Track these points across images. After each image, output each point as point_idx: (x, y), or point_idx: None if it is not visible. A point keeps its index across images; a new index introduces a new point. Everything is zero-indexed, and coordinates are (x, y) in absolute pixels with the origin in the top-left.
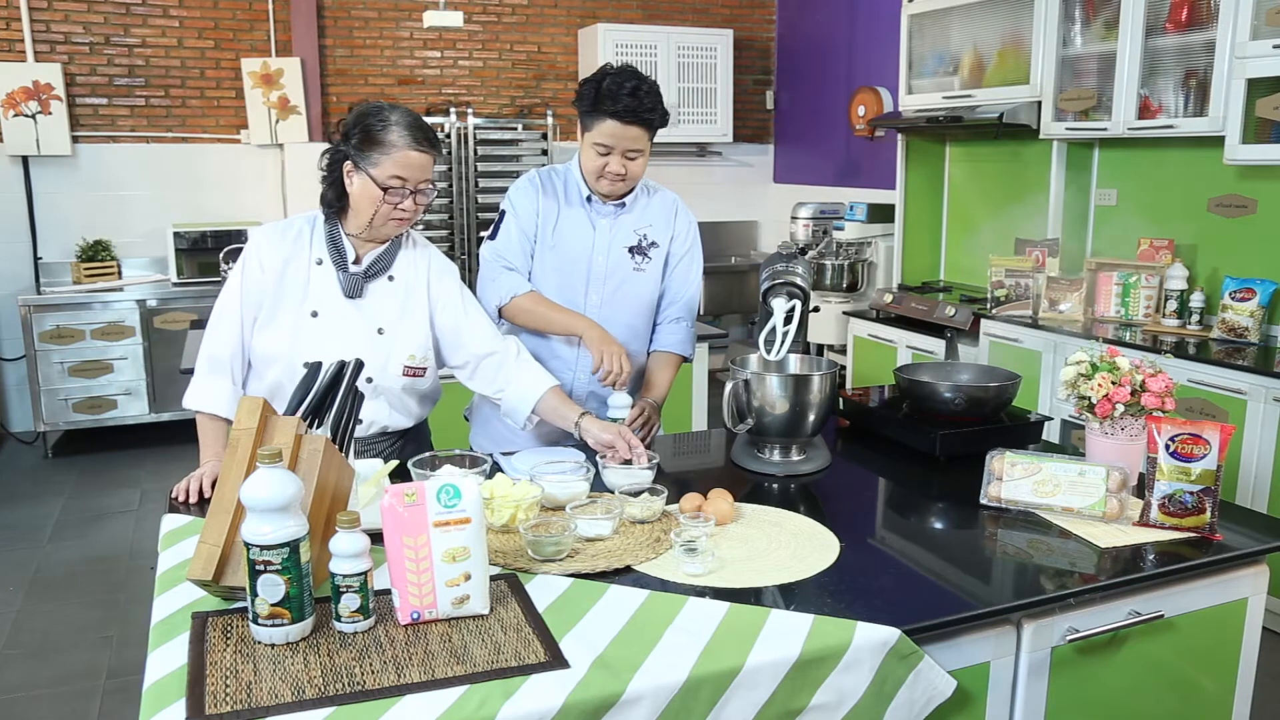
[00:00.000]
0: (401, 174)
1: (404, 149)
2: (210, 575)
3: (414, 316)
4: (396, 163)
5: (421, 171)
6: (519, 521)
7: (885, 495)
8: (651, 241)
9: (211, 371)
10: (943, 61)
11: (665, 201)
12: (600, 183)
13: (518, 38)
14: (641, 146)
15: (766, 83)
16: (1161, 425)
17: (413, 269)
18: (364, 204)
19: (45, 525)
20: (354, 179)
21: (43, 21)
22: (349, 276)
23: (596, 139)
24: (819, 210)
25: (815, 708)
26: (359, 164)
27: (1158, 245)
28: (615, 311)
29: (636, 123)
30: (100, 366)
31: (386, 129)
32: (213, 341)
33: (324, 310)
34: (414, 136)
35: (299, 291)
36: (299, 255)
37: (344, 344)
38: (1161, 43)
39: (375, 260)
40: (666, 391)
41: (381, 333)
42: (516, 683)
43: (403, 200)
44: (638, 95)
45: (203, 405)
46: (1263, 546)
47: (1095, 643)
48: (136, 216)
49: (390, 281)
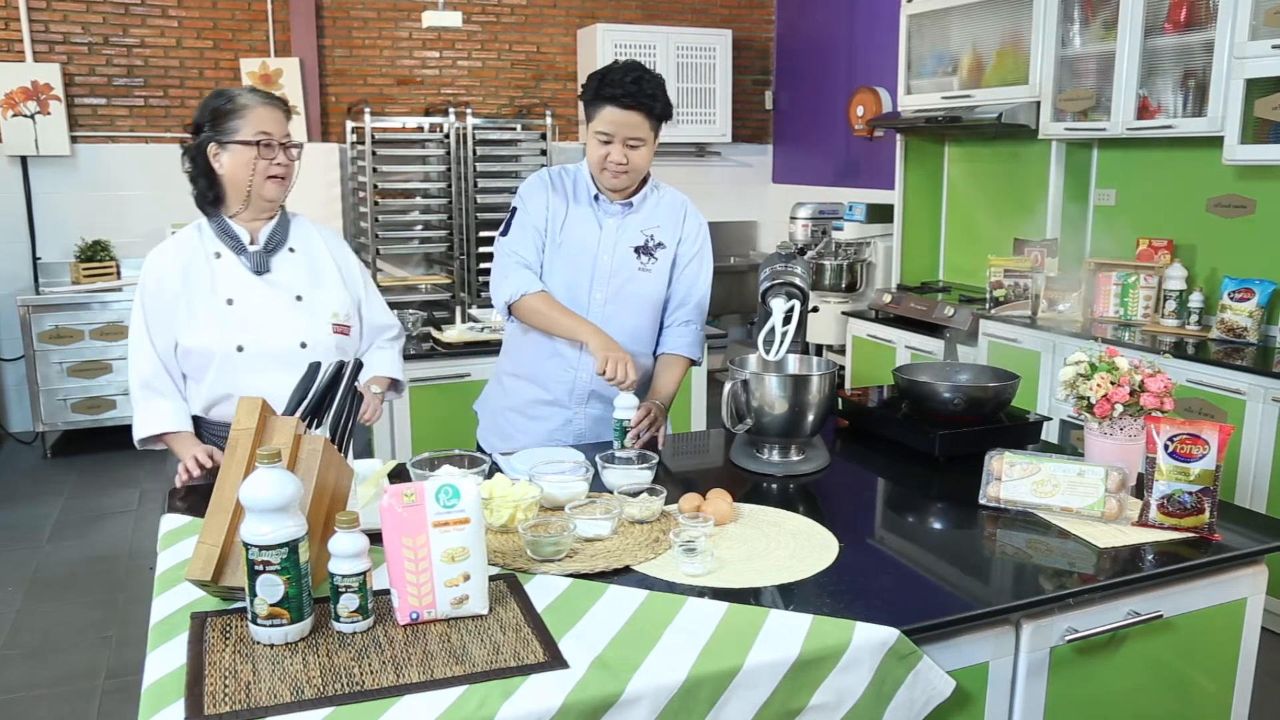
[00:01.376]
0: (264, 128)
1: (255, 106)
2: (209, 575)
3: (326, 278)
4: (254, 121)
5: (280, 126)
6: (518, 521)
7: (884, 495)
8: (658, 242)
9: (147, 396)
10: (942, 62)
11: (674, 203)
12: (604, 175)
13: (517, 38)
14: (643, 135)
15: (765, 83)
16: (1160, 425)
17: (307, 239)
18: (239, 173)
19: (44, 525)
20: (222, 157)
21: (41, 22)
22: (251, 255)
23: (598, 127)
24: (818, 210)
25: (814, 708)
26: (221, 141)
27: (1156, 245)
28: (619, 310)
29: (637, 108)
30: (99, 367)
31: (234, 99)
32: (136, 368)
33: (237, 295)
34: (260, 96)
35: (206, 287)
36: (194, 256)
37: (267, 320)
38: (1160, 43)
39: (270, 236)
40: (673, 393)
41: (300, 299)
42: (516, 683)
43: (276, 154)
44: (639, 83)
45: (154, 429)
46: (1261, 547)
47: (1094, 643)
48: (135, 216)
49: (292, 253)
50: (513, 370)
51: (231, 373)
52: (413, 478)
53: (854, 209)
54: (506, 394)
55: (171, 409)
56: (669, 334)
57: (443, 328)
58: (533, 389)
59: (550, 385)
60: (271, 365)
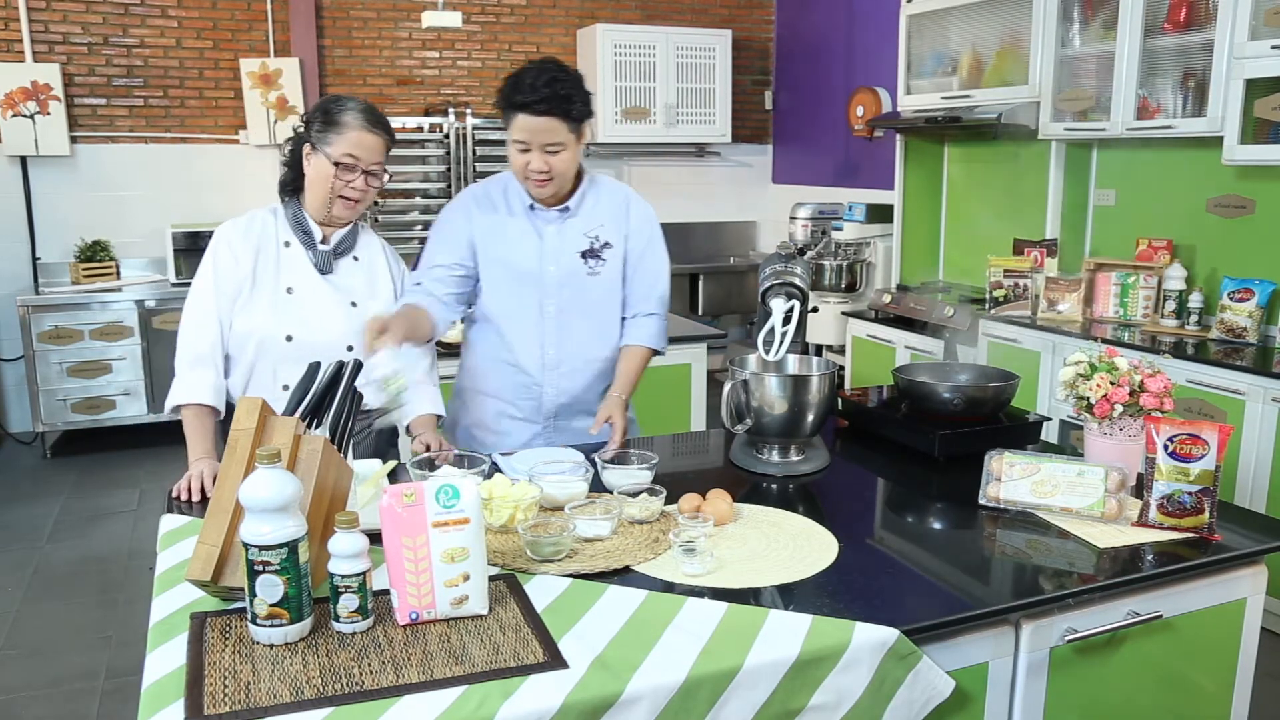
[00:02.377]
0: (354, 152)
1: (356, 129)
2: (209, 575)
3: (382, 292)
4: (349, 141)
5: (373, 153)
6: (518, 522)
7: (884, 495)
8: (604, 242)
9: (194, 366)
10: (941, 62)
11: (615, 198)
12: (528, 184)
13: (516, 38)
14: (561, 139)
15: (765, 83)
16: (1160, 425)
17: (372, 251)
18: (318, 183)
19: (44, 525)
20: (311, 160)
21: (41, 22)
22: (319, 253)
23: (514, 135)
24: (818, 210)
25: (814, 708)
26: (316, 145)
27: (1156, 245)
28: (574, 319)
29: (551, 113)
30: (99, 367)
31: (343, 112)
32: (192, 338)
33: (298, 286)
34: (367, 119)
35: (272, 271)
36: (267, 241)
37: (321, 317)
38: (1160, 43)
39: (340, 241)
40: (632, 384)
41: (355, 305)
42: (515, 683)
43: (354, 179)
44: (552, 85)
45: (190, 398)
46: (1261, 547)
47: (1094, 643)
48: (135, 217)
49: (356, 261)
50: (473, 386)
51: (274, 360)
52: (412, 478)
53: (854, 209)
54: (469, 409)
55: (214, 384)
56: (630, 326)
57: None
58: (497, 403)
59: (518, 403)
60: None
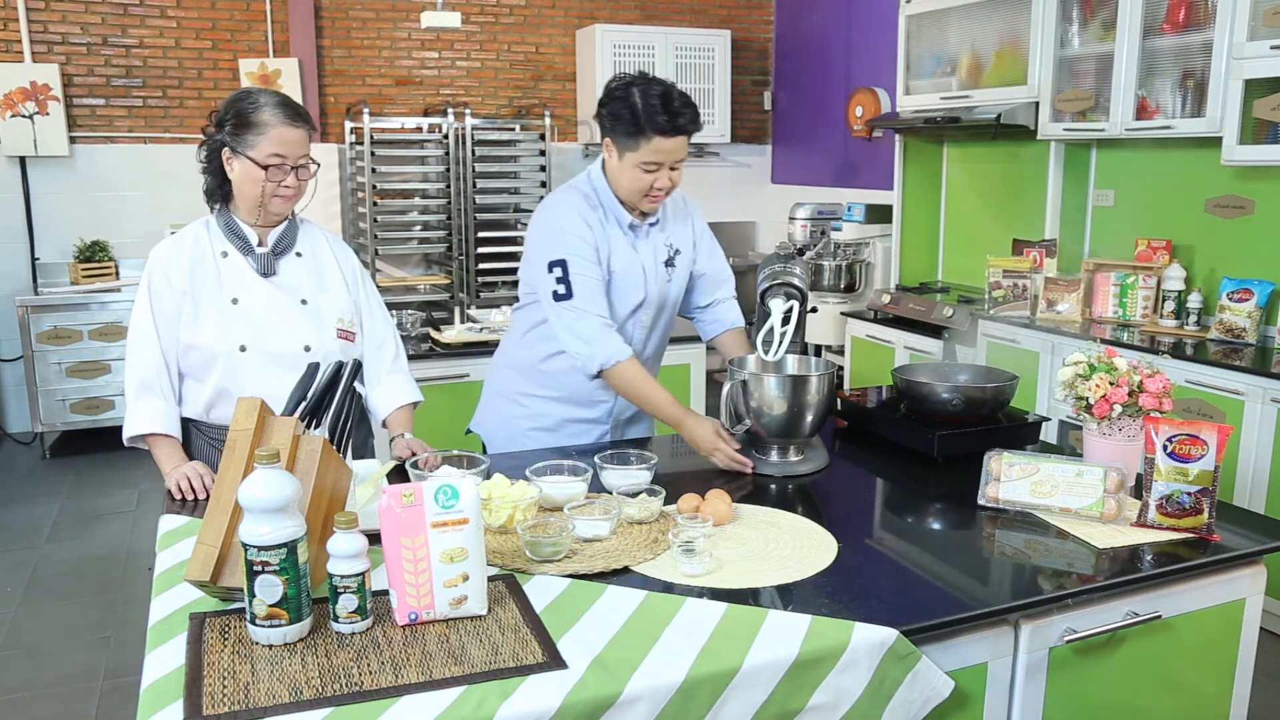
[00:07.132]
0: (279, 151)
1: (277, 126)
2: (208, 576)
3: (332, 284)
4: (272, 140)
5: (298, 147)
6: (517, 522)
7: (883, 496)
8: (677, 250)
9: (142, 395)
10: (940, 62)
11: (676, 203)
12: (645, 201)
13: (515, 38)
14: (684, 154)
15: (764, 83)
16: (1159, 426)
17: (314, 243)
18: (247, 187)
19: (43, 526)
20: (234, 165)
21: (40, 22)
22: (258, 257)
23: (645, 158)
24: (817, 211)
25: (813, 708)
26: (236, 149)
27: (1155, 246)
28: (659, 327)
29: (682, 132)
30: (98, 367)
31: (258, 110)
32: (136, 366)
33: (243, 295)
34: (285, 114)
35: (213, 285)
36: (202, 255)
37: (272, 323)
38: (1159, 43)
39: (279, 239)
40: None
41: (306, 303)
42: (514, 683)
43: (285, 178)
44: (691, 105)
45: (143, 428)
46: (1260, 547)
47: (1093, 643)
48: (134, 217)
49: (299, 257)
50: (537, 392)
51: (234, 373)
52: (411, 478)
53: (853, 209)
54: (533, 415)
55: (164, 410)
56: (720, 310)
57: (441, 328)
58: (566, 409)
59: (593, 405)
60: (274, 367)
